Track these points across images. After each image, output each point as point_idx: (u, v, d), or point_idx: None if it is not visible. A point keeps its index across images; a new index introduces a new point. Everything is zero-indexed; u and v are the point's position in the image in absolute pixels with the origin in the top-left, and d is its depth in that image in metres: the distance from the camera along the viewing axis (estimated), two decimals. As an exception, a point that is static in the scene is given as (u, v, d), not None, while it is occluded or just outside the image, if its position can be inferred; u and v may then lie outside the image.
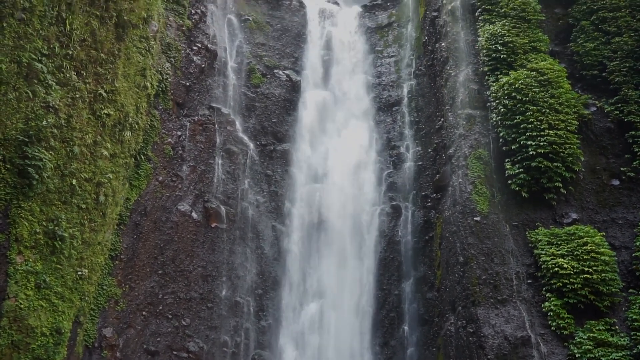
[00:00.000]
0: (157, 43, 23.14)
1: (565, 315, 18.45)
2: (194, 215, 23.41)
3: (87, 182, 18.22)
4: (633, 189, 21.23)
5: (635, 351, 17.43)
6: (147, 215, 22.08)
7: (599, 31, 24.00)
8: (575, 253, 19.13)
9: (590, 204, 21.21)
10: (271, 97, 28.08)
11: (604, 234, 19.94)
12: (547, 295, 19.07)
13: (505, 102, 22.13)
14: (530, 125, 21.33)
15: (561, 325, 18.33)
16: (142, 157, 22.26)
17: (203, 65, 25.97)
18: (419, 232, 24.52)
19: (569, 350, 17.92)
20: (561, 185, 20.81)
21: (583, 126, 22.18)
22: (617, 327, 18.20)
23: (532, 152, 20.89)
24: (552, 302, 18.77)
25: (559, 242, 19.66)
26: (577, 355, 17.64)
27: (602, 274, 18.58)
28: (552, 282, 18.98)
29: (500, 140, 22.16)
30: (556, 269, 18.95)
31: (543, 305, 18.98)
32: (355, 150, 27.34)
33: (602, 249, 19.07)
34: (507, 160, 21.69)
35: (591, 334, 17.90)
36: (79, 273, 17.80)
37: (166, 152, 23.49)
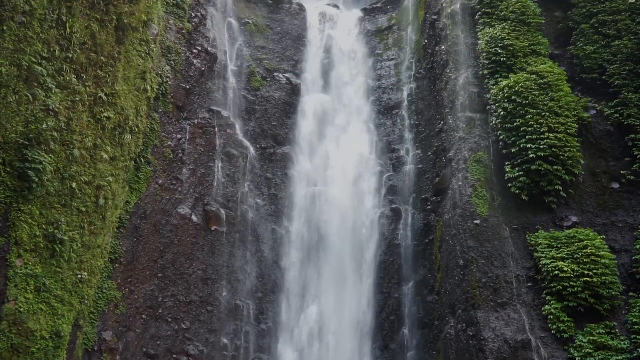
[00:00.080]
0: (157, 46, 23.17)
1: (565, 319, 18.42)
2: (194, 218, 23.40)
3: (87, 185, 18.22)
4: (633, 192, 21.23)
5: (635, 354, 17.40)
6: (146, 218, 22.07)
7: (599, 34, 24.02)
8: (575, 256, 19.10)
9: (590, 207, 21.20)
10: (271, 100, 28.08)
11: (604, 237, 19.92)
12: (547, 298, 19.05)
13: (505, 105, 22.13)
14: (530, 128, 21.33)
15: (561, 329, 18.30)
16: (142, 160, 22.27)
17: (203, 68, 25.99)
18: (419, 235, 24.48)
19: (569, 354, 17.89)
20: (561, 188, 20.81)
21: (583, 129, 22.17)
22: (617, 330, 18.16)
23: (532, 155, 20.89)
24: (552, 305, 18.75)
25: (559, 245, 19.64)
26: (577, 358, 17.60)
27: (602, 277, 18.56)
28: (552, 285, 18.96)
29: (500, 143, 22.16)
30: (556, 272, 18.94)
31: (543, 309, 18.96)
32: (355, 153, 27.28)
33: (602, 252, 19.05)
34: (507, 163, 21.69)
35: (591, 337, 17.87)
36: (79, 276, 17.78)
37: (166, 155, 23.50)
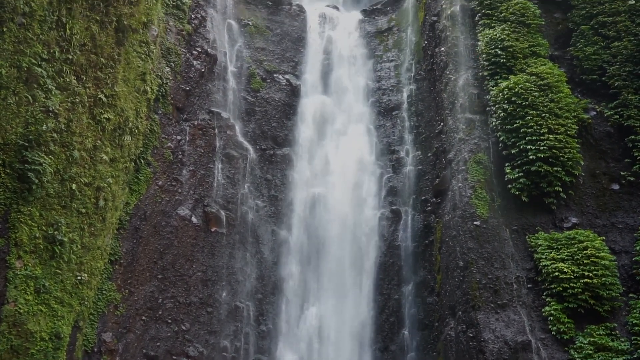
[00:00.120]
0: (157, 48, 23.18)
1: (566, 320, 18.40)
2: (194, 219, 23.39)
3: (87, 186, 18.21)
4: (633, 194, 21.22)
5: (635, 356, 17.38)
6: (146, 219, 22.07)
7: (599, 35, 24.03)
8: (575, 257, 19.09)
9: (590, 209, 21.19)
10: (271, 101, 28.08)
11: (604, 238, 19.91)
12: (547, 299, 19.03)
13: (505, 107, 22.13)
14: (530, 130, 21.33)
15: (561, 330, 18.29)
16: (142, 162, 22.27)
17: (203, 70, 26.00)
18: (419, 236, 24.48)
19: (569, 355, 17.86)
20: (561, 189, 20.80)
21: (583, 130, 22.17)
22: (617, 331, 18.15)
23: (532, 157, 20.88)
24: (553, 307, 18.73)
25: (559, 247, 19.63)
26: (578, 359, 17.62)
27: (603, 279, 18.54)
28: (552, 286, 18.95)
29: (500, 144, 22.15)
30: (556, 274, 18.92)
31: (543, 310, 18.94)
32: (354, 155, 27.27)
33: (602, 254, 19.03)
34: (507, 164, 21.68)
35: (591, 339, 17.86)
36: (79, 278, 17.77)
37: (166, 156, 23.50)
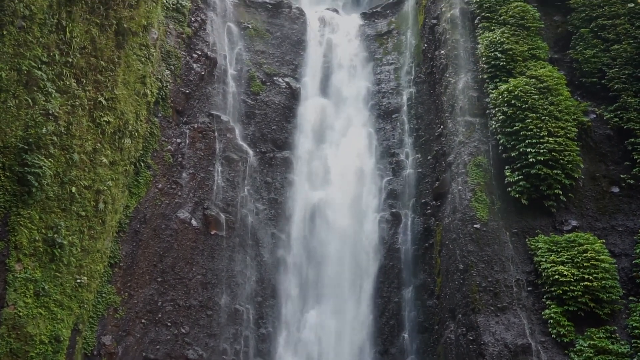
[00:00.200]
0: (157, 51, 23.19)
1: (566, 323, 18.39)
2: (194, 222, 23.38)
3: (87, 189, 18.21)
4: (633, 196, 21.20)
5: (635, 359, 17.36)
6: (146, 222, 22.06)
7: (598, 38, 24.04)
8: (575, 260, 19.08)
9: (590, 211, 21.18)
10: (271, 104, 28.10)
11: (604, 241, 19.90)
12: (547, 302, 19.01)
13: (505, 110, 22.14)
14: (529, 133, 21.33)
15: (561, 333, 18.27)
16: (142, 165, 22.28)
17: (203, 73, 26.02)
18: (419, 239, 24.48)
19: (569, 358, 17.83)
20: (561, 192, 20.79)
21: (582, 133, 22.18)
22: (617, 334, 18.12)
23: (531, 160, 20.88)
24: (553, 310, 18.71)
25: (559, 250, 19.61)
26: (578, 363, 17.63)
27: (603, 282, 18.52)
28: (552, 289, 18.93)
29: (499, 147, 22.15)
30: (556, 277, 18.91)
31: (543, 313, 18.92)
32: (354, 158, 27.31)
33: (602, 257, 19.02)
34: (507, 167, 21.68)
35: (591, 342, 17.83)
36: (78, 281, 17.76)
37: (166, 159, 23.50)
